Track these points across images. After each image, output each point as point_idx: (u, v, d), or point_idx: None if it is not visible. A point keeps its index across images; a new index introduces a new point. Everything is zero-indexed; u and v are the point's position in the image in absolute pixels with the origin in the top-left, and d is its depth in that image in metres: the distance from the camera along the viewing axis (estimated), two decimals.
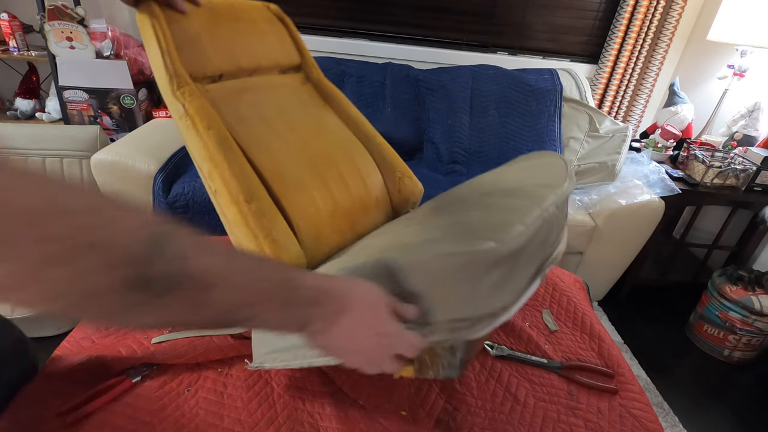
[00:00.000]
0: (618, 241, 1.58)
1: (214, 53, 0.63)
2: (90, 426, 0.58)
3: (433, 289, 0.47)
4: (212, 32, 0.65)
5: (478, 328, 0.47)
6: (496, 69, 1.87)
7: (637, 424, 0.69)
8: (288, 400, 0.65)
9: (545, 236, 0.53)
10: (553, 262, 0.58)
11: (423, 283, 0.47)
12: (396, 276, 0.47)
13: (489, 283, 0.47)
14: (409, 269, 0.47)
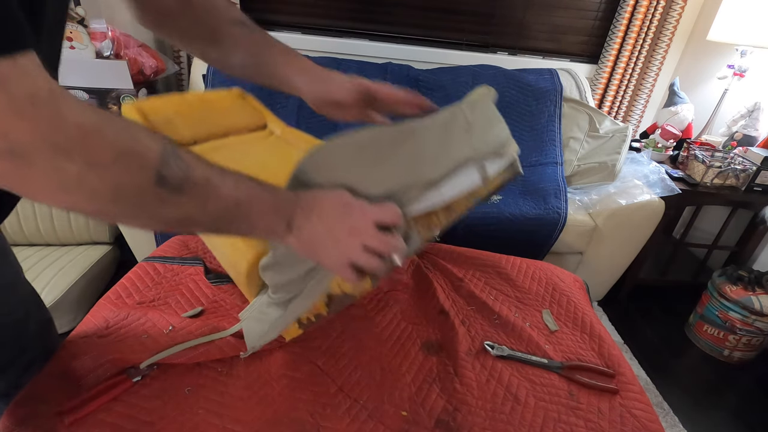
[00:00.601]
0: (618, 241, 1.58)
1: (185, 127, 0.79)
2: (90, 426, 0.58)
3: (344, 175, 0.53)
4: (184, 113, 0.82)
5: (410, 198, 0.55)
6: (496, 69, 1.87)
7: (638, 424, 0.69)
8: (288, 399, 0.65)
9: (464, 124, 0.60)
10: (501, 163, 0.62)
11: (330, 172, 0.54)
12: (306, 177, 0.54)
13: (400, 157, 0.55)
14: (312, 166, 0.54)
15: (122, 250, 1.61)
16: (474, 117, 0.61)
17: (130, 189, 0.36)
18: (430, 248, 1.07)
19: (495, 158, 0.62)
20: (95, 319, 0.75)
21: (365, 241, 0.49)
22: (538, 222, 1.47)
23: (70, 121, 0.32)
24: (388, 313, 0.85)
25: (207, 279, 0.85)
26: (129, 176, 0.35)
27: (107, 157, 0.34)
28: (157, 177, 0.36)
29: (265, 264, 0.62)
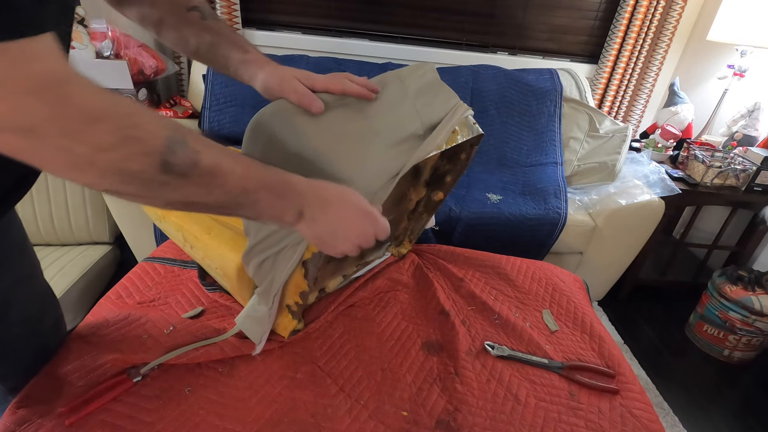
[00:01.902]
0: (618, 241, 1.58)
1: None
2: (90, 426, 0.58)
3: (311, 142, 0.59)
4: None
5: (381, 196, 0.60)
6: (496, 69, 1.87)
7: (638, 424, 0.69)
8: (288, 400, 0.65)
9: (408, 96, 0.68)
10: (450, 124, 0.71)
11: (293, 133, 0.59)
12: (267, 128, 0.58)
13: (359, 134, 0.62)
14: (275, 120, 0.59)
15: (122, 250, 1.61)
16: (416, 87, 0.70)
17: (135, 173, 0.37)
18: (430, 249, 1.07)
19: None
20: (96, 319, 0.75)
21: (364, 245, 0.56)
22: (538, 222, 1.47)
23: (78, 104, 0.33)
24: (388, 313, 0.85)
25: (202, 285, 0.85)
26: (132, 162, 0.36)
27: (111, 142, 0.34)
28: (162, 163, 0.37)
29: (243, 253, 0.65)
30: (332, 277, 0.86)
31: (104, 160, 0.34)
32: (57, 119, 0.32)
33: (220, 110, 1.69)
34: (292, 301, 0.70)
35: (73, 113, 0.32)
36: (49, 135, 0.32)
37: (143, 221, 1.43)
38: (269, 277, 0.64)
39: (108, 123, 0.34)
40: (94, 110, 0.34)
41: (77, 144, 0.33)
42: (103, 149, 0.34)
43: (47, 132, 0.31)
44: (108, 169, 0.35)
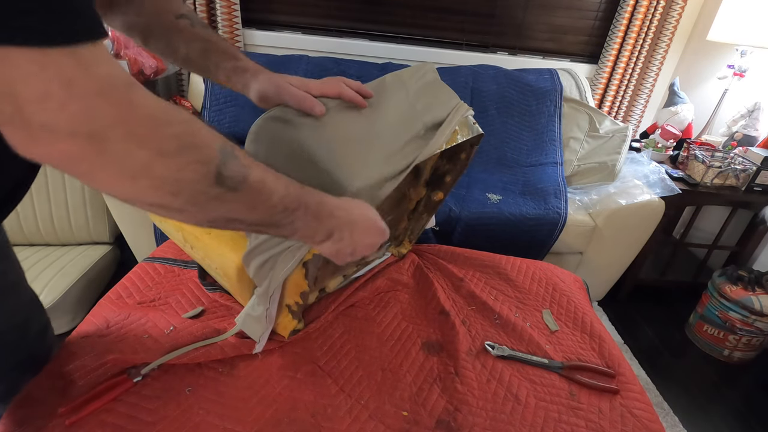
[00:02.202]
0: (618, 241, 1.58)
1: None
2: (90, 426, 0.57)
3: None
4: None
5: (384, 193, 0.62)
6: (496, 69, 1.87)
7: (638, 424, 0.69)
8: (288, 400, 0.65)
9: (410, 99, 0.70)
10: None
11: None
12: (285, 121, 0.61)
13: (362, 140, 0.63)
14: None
15: (122, 250, 1.61)
16: (417, 88, 0.71)
17: (191, 183, 0.36)
18: (430, 249, 1.07)
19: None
20: (96, 319, 0.75)
21: (367, 254, 0.60)
22: (538, 222, 1.47)
23: (143, 108, 0.33)
24: (388, 313, 0.85)
25: (202, 285, 0.85)
26: (189, 171, 0.35)
27: (173, 148, 0.34)
28: (216, 175, 0.37)
29: (244, 254, 0.65)
30: (332, 277, 0.86)
31: (162, 167, 0.34)
32: (123, 122, 0.31)
33: (220, 110, 1.69)
34: (292, 301, 0.70)
35: (139, 116, 0.32)
36: (114, 139, 0.31)
37: (143, 221, 1.43)
38: (268, 278, 0.64)
39: (171, 128, 0.34)
40: (158, 114, 0.33)
41: (140, 149, 0.32)
42: (164, 155, 0.34)
43: (113, 136, 0.31)
44: (162, 179, 0.34)
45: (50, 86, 0.28)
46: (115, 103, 0.31)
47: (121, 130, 0.31)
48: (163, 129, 0.34)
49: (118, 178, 0.33)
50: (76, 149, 0.30)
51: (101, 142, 0.31)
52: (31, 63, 0.28)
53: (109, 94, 0.31)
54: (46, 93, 0.28)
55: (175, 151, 0.34)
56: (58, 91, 0.28)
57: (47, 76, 0.28)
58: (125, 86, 0.32)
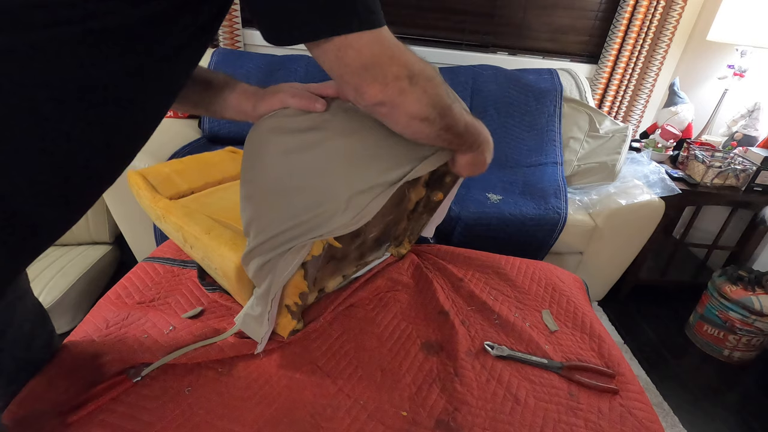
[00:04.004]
0: (618, 241, 1.58)
1: (182, 181, 0.90)
2: (90, 426, 0.58)
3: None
4: (180, 170, 0.92)
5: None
6: (496, 69, 1.87)
7: (638, 424, 0.69)
8: (288, 400, 0.65)
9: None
10: None
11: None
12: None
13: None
14: None
15: (122, 250, 1.61)
16: None
17: (442, 99, 0.53)
18: (430, 249, 1.07)
19: None
20: (95, 319, 0.75)
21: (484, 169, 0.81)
22: (538, 222, 1.47)
23: (414, 55, 0.51)
24: (388, 313, 0.85)
25: (202, 285, 0.85)
26: (441, 88, 0.53)
27: (431, 74, 0.52)
28: (447, 92, 0.55)
29: (243, 254, 0.65)
30: (332, 277, 0.86)
31: (432, 90, 0.51)
32: (423, 68, 0.51)
33: None
34: (291, 302, 0.70)
35: (418, 60, 0.51)
36: (420, 79, 0.50)
37: (143, 221, 1.43)
38: (268, 280, 0.64)
39: (428, 64, 0.52)
40: (418, 57, 0.52)
41: (430, 84, 0.51)
42: (430, 79, 0.51)
43: (420, 76, 0.50)
44: (431, 96, 0.51)
45: (393, 49, 0.48)
46: (410, 53, 0.50)
47: (424, 74, 0.50)
48: (427, 66, 0.52)
49: (416, 101, 0.50)
50: (404, 86, 0.49)
51: (413, 82, 0.49)
52: (382, 39, 0.48)
53: (407, 52, 0.50)
54: (394, 52, 0.48)
55: (431, 76, 0.51)
56: (397, 51, 0.49)
57: (394, 44, 0.49)
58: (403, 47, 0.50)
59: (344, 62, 0.47)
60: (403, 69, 0.48)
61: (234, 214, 0.77)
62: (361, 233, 0.78)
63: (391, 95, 0.49)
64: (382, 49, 0.47)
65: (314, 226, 0.59)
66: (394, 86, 0.48)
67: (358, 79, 0.48)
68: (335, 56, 0.47)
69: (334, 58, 0.47)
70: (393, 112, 0.52)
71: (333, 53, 0.47)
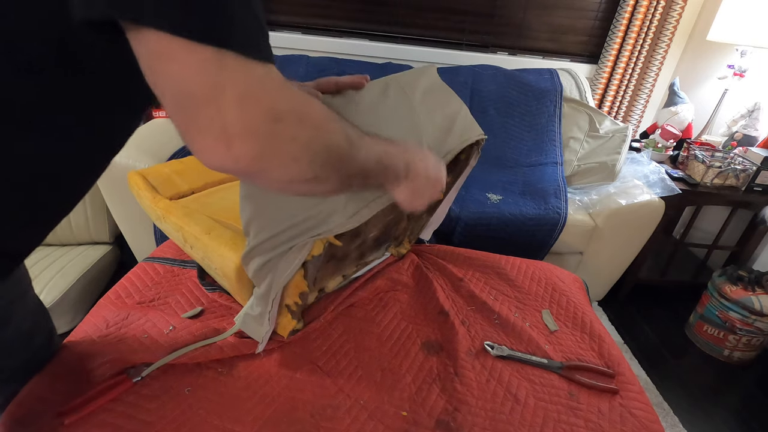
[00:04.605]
0: (618, 241, 1.58)
1: (182, 182, 0.90)
2: (90, 426, 0.58)
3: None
4: (180, 171, 0.93)
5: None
6: (496, 69, 1.87)
7: (638, 424, 0.69)
8: (288, 400, 0.65)
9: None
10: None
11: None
12: None
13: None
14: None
15: (122, 250, 1.61)
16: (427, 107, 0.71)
17: (336, 148, 0.42)
18: (429, 249, 1.07)
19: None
20: (95, 319, 0.75)
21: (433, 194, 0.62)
22: (538, 222, 1.47)
23: (298, 95, 0.38)
24: (388, 313, 0.85)
25: (201, 285, 0.85)
26: (333, 135, 0.41)
27: (322, 119, 0.40)
28: (345, 135, 0.43)
29: (243, 254, 0.64)
30: (332, 277, 0.86)
31: (317, 141, 0.39)
32: (294, 107, 0.37)
33: None
34: (291, 301, 0.70)
35: (302, 101, 0.38)
36: (287, 121, 0.36)
37: (143, 221, 1.43)
38: (268, 280, 0.64)
39: (315, 104, 0.40)
40: (303, 97, 0.39)
41: (303, 130, 0.37)
42: (318, 128, 0.39)
43: (288, 117, 0.36)
44: (316, 152, 0.39)
45: (250, 87, 0.32)
46: (288, 96, 0.36)
47: (293, 115, 0.36)
48: (313, 106, 0.39)
49: (288, 164, 0.37)
50: (259, 145, 0.34)
51: (277, 130, 0.35)
52: (236, 69, 0.31)
53: (284, 91, 0.36)
54: (244, 93, 0.32)
55: (323, 121, 0.40)
56: (255, 88, 0.33)
57: (247, 79, 0.32)
58: (286, 83, 0.37)
59: (160, 78, 0.32)
60: (262, 116, 0.34)
61: (234, 214, 0.77)
62: (361, 233, 0.78)
63: (242, 161, 0.34)
64: (232, 79, 0.32)
65: (313, 225, 0.59)
66: (244, 144, 0.33)
67: (181, 117, 0.33)
68: (147, 63, 0.32)
69: (146, 65, 0.32)
70: (253, 179, 0.40)
71: (145, 55, 0.31)
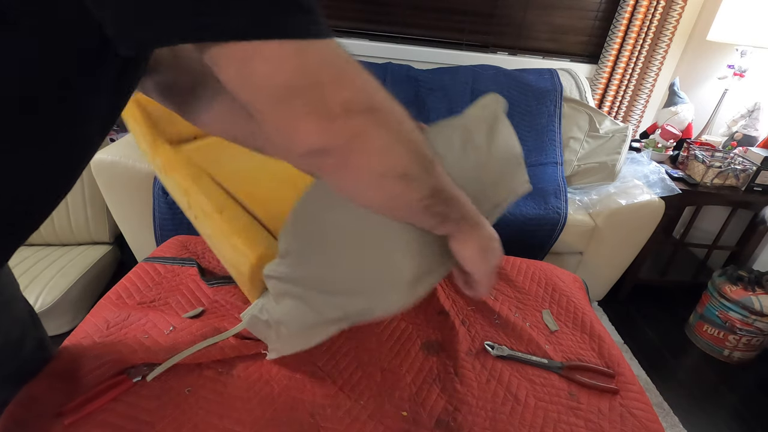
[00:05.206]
0: (618, 241, 1.58)
1: (185, 123, 0.72)
2: (90, 426, 0.58)
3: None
4: None
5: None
6: (496, 69, 1.87)
7: (638, 424, 0.69)
8: (288, 400, 0.65)
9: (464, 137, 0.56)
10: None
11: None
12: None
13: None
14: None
15: (122, 250, 1.61)
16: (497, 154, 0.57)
17: (420, 149, 0.38)
18: None
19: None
20: (96, 319, 0.75)
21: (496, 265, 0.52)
22: (538, 222, 1.47)
23: (373, 81, 0.34)
24: None
25: (204, 281, 0.85)
26: (416, 139, 0.37)
27: (401, 115, 0.36)
28: (424, 143, 0.39)
29: (268, 270, 0.58)
30: None
31: (405, 131, 0.36)
32: (389, 103, 0.35)
33: None
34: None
35: (378, 88, 0.34)
36: (383, 109, 0.34)
37: (143, 221, 1.43)
38: (287, 317, 0.59)
39: (397, 106, 0.36)
40: (387, 93, 0.35)
41: (393, 114, 0.35)
42: (402, 122, 0.36)
43: (380, 104, 0.34)
44: (407, 142, 0.36)
45: (342, 66, 0.32)
46: (368, 77, 0.34)
47: (382, 94, 0.34)
48: (394, 101, 0.36)
49: (386, 146, 0.34)
50: (362, 122, 0.33)
51: (374, 107, 0.33)
52: (322, 51, 0.31)
53: (359, 73, 0.33)
54: (339, 72, 0.32)
55: (401, 113, 0.36)
56: (346, 69, 0.32)
57: (334, 59, 0.32)
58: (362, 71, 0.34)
59: (253, 81, 0.31)
60: (359, 95, 0.32)
61: (247, 187, 0.70)
62: None
63: (342, 136, 0.32)
64: (322, 63, 0.31)
65: (364, 309, 0.51)
66: (346, 121, 0.32)
67: (280, 111, 0.31)
68: (237, 71, 0.31)
69: (236, 75, 0.31)
70: (346, 166, 0.35)
71: (234, 66, 0.30)
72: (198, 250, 0.97)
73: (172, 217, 1.37)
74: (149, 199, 1.37)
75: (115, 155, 1.33)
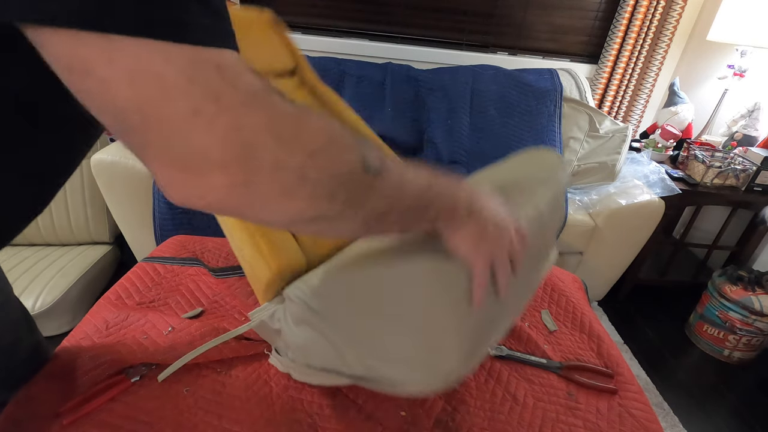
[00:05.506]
0: (618, 241, 1.57)
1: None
2: (88, 426, 0.58)
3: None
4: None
5: None
6: (496, 69, 1.87)
7: (637, 424, 0.69)
8: (286, 400, 0.65)
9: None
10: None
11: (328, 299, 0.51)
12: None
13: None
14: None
15: (122, 250, 1.61)
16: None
17: (345, 176, 0.33)
18: None
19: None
20: (95, 319, 0.75)
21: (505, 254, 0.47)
22: None
23: (282, 110, 0.30)
24: None
25: (213, 275, 0.85)
26: (343, 162, 0.32)
27: (322, 141, 0.31)
28: (362, 160, 0.34)
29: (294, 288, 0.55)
30: None
31: (315, 169, 0.30)
32: (273, 128, 0.29)
33: None
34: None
35: (284, 119, 0.29)
36: (265, 150, 0.28)
37: (143, 221, 1.43)
38: (302, 344, 0.57)
39: (312, 123, 0.31)
40: (297, 114, 0.30)
41: (291, 156, 0.29)
42: (314, 155, 0.30)
43: (264, 147, 0.28)
44: (317, 182, 0.31)
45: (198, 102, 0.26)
46: (261, 110, 0.28)
47: (271, 137, 0.28)
48: (307, 124, 0.31)
49: (276, 198, 0.30)
50: (231, 172, 0.28)
51: (253, 159, 0.28)
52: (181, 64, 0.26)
53: (254, 103, 0.28)
54: (195, 109, 0.26)
55: (324, 145, 0.31)
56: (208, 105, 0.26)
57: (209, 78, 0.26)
58: (265, 93, 0.29)
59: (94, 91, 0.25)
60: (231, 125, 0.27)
61: None
62: None
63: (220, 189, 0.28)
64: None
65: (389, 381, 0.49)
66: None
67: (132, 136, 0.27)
68: (67, 72, 0.25)
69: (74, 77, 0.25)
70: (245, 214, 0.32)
71: (63, 62, 0.25)
72: (197, 249, 0.97)
73: (172, 217, 1.37)
74: (149, 199, 1.38)
75: (115, 155, 1.33)
